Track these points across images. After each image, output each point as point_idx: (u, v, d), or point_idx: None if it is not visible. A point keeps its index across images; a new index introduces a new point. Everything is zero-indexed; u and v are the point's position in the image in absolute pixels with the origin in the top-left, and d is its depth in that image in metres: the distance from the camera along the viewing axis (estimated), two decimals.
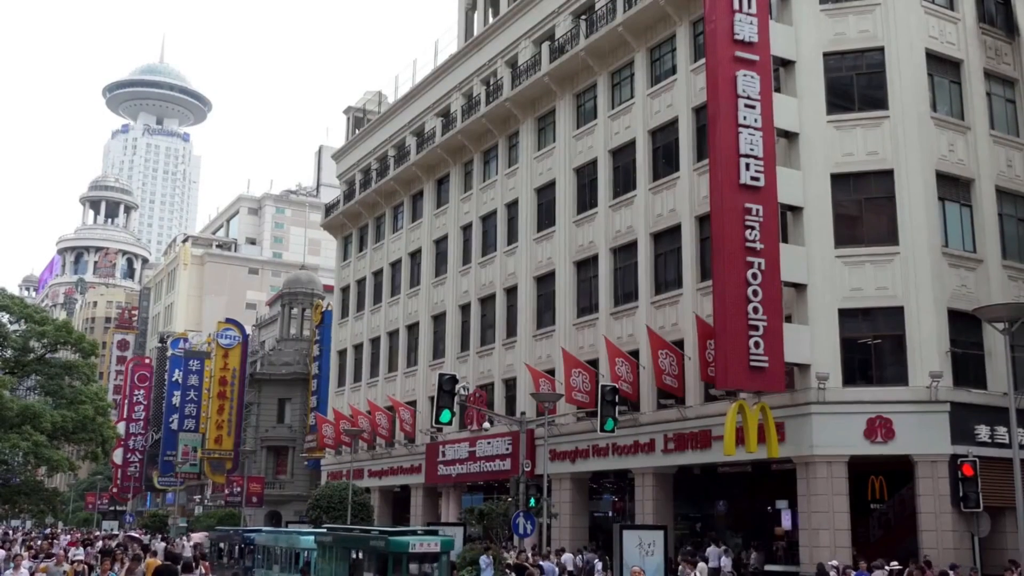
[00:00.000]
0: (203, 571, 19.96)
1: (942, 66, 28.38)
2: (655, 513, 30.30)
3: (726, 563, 27.54)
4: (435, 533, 21.20)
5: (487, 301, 41.08)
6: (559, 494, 33.96)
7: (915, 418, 25.36)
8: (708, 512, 35.01)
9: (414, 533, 19.87)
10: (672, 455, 30.07)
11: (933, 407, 25.30)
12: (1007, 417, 20.93)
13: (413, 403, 44.33)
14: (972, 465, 24.57)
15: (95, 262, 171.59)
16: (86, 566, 22.35)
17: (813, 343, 26.28)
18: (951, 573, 22.39)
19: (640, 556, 23.24)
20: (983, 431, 25.75)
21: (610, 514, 37.00)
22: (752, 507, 32.80)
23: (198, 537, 45.50)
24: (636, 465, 31.52)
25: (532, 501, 26.50)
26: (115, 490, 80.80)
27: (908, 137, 27.07)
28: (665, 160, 32.57)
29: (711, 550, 29.45)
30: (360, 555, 19.83)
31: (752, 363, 24.82)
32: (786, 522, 30.47)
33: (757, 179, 25.74)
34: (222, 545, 31.79)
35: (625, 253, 33.59)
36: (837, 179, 27.28)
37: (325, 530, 23.17)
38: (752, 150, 25.86)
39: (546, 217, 37.90)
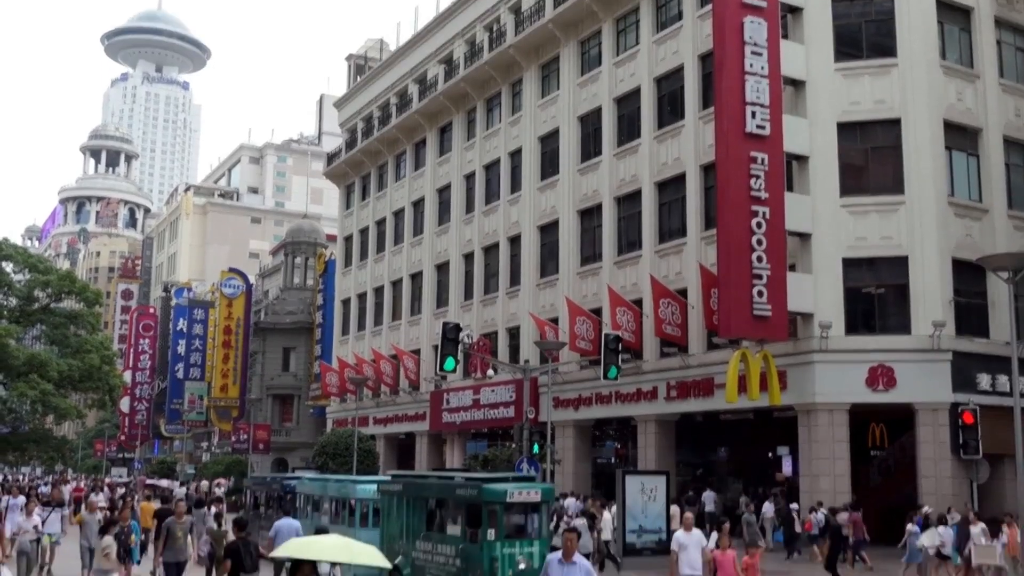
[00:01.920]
0: (216, 510, 20.31)
1: (952, 13, 28.03)
2: (657, 459, 30.64)
3: (768, 508, 27.75)
4: (531, 479, 18.58)
5: (491, 250, 41.10)
6: (562, 441, 34.32)
7: (917, 367, 25.53)
8: (710, 459, 35.43)
9: (506, 479, 16.97)
10: (674, 403, 30.32)
11: (935, 356, 25.46)
12: (1008, 366, 21.08)
13: (417, 351, 44.59)
14: (973, 413, 24.79)
15: (97, 212, 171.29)
16: (109, 511, 23.03)
17: (817, 292, 26.35)
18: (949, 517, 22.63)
19: (642, 501, 23.57)
20: (984, 380, 25.95)
21: (613, 460, 37.43)
22: (753, 454, 33.18)
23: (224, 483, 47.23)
24: (639, 412, 31.80)
25: (536, 448, 26.75)
26: (123, 438, 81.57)
27: (916, 85, 26.83)
28: (670, 108, 32.33)
29: (707, 495, 29.96)
30: (441, 506, 17.29)
31: (755, 312, 24.91)
32: (787, 468, 30.86)
33: (763, 127, 25.58)
34: (259, 494, 28.33)
35: (629, 202, 33.51)
36: (844, 128, 27.12)
37: (390, 477, 20.34)
38: (758, 98, 25.66)
39: (550, 165, 37.74)
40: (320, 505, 22.90)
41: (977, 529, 19.59)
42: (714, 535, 14.04)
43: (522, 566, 15.57)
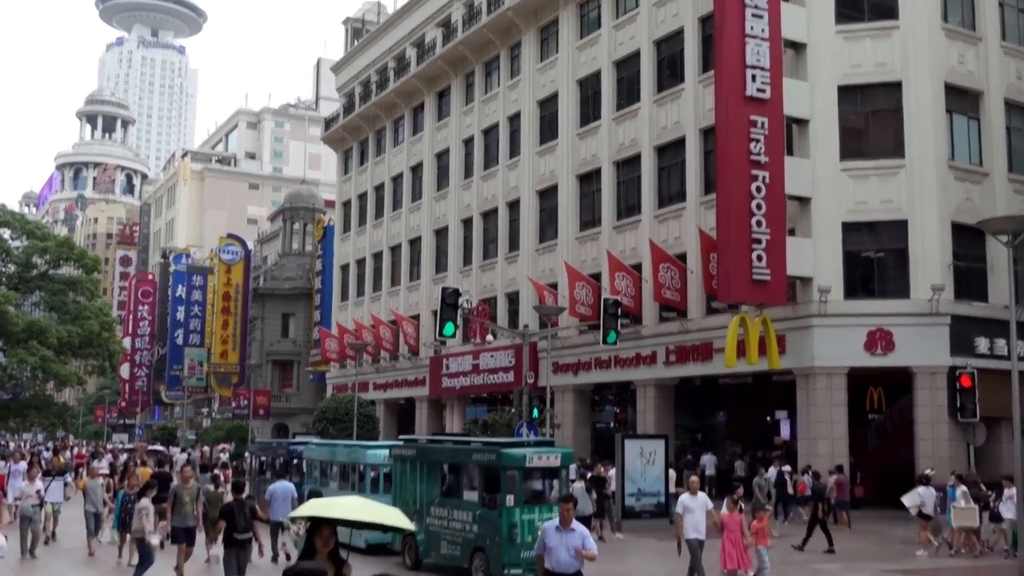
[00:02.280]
0: (222, 477, 20.51)
1: None
2: (656, 423, 30.79)
3: (774, 473, 27.89)
4: (549, 444, 18.49)
5: (489, 215, 40.99)
6: (562, 405, 34.48)
7: (915, 330, 25.59)
8: (708, 422, 35.63)
9: (523, 444, 16.72)
10: (673, 367, 30.41)
11: (933, 320, 25.51)
12: (1007, 329, 21.02)
13: (416, 317, 44.66)
14: (970, 376, 24.87)
15: (94, 178, 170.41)
16: (110, 476, 23.36)
17: (816, 256, 26.34)
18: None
19: (641, 465, 23.73)
20: (982, 343, 26.03)
21: (612, 424, 37.63)
22: (752, 418, 33.36)
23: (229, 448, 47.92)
24: (638, 377, 31.91)
25: (535, 412, 26.88)
26: (123, 404, 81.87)
27: (918, 48, 26.62)
28: (670, 71, 32.09)
29: (706, 458, 30.16)
30: (456, 471, 17.04)
31: (755, 276, 24.92)
32: (785, 432, 31.05)
33: (763, 91, 25.42)
34: (263, 458, 27.81)
35: (628, 166, 33.37)
36: (844, 91, 26.95)
37: (402, 442, 19.79)
38: (759, 61, 25.47)
39: (548, 130, 37.53)
40: (328, 471, 22.39)
41: (959, 492, 19.70)
42: (727, 500, 14.19)
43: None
